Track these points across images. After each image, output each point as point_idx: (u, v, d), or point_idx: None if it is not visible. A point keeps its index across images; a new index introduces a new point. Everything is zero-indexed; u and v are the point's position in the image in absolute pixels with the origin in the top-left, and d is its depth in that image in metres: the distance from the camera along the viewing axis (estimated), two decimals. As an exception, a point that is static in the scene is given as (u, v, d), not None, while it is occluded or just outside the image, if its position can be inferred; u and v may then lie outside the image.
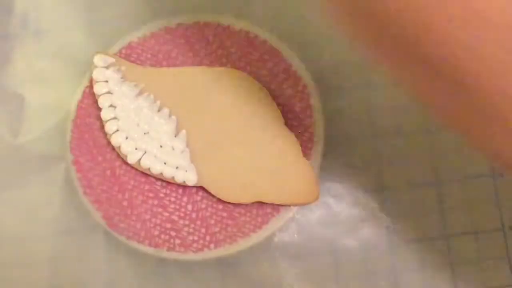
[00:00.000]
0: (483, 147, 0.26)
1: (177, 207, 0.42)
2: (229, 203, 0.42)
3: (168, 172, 0.42)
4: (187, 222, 0.42)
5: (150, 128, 0.42)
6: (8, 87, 0.45)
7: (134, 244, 0.41)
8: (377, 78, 0.44)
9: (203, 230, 0.41)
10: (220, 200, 0.42)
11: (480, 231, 0.42)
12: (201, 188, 0.42)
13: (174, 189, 0.43)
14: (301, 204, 0.42)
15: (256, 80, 0.43)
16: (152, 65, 0.44)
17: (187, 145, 0.42)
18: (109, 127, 0.43)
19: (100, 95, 0.43)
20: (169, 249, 0.41)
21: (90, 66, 0.44)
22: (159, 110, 0.43)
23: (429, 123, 0.43)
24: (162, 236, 0.41)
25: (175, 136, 0.42)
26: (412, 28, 0.22)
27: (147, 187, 0.43)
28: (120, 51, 0.45)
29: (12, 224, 0.43)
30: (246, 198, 0.41)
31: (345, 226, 0.42)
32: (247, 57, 0.44)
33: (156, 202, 0.42)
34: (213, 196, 0.42)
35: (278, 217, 0.42)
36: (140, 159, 0.42)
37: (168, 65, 0.44)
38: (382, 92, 0.44)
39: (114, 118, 0.43)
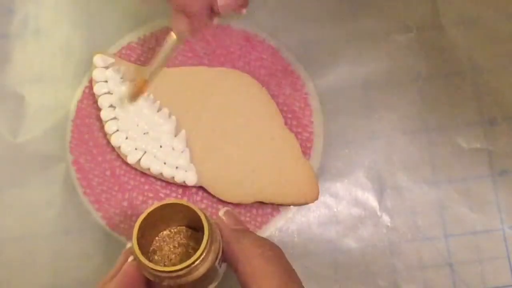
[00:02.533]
0: None
1: (177, 207, 0.42)
2: (229, 203, 0.42)
3: (168, 172, 0.42)
4: (187, 222, 0.42)
5: (150, 128, 0.42)
6: (8, 87, 0.45)
7: (134, 244, 0.41)
8: (376, 78, 0.44)
9: (203, 230, 0.41)
10: (220, 200, 0.42)
11: (480, 231, 0.42)
12: (201, 188, 0.42)
13: (174, 189, 0.43)
14: (301, 204, 0.42)
15: (255, 80, 0.43)
16: (152, 65, 0.44)
17: (187, 145, 0.42)
18: (109, 127, 0.43)
19: (100, 95, 0.43)
20: (169, 249, 0.41)
21: (90, 66, 0.44)
22: (158, 110, 0.43)
23: (428, 123, 0.43)
24: (162, 236, 0.41)
25: (175, 136, 0.42)
26: None
27: (147, 187, 0.43)
28: (120, 51, 0.45)
29: (12, 224, 0.43)
30: (246, 198, 0.41)
31: (345, 226, 0.42)
32: (246, 57, 0.44)
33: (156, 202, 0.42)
34: (213, 196, 0.42)
35: (278, 217, 0.42)
36: (140, 159, 0.42)
37: (168, 65, 0.44)
38: (381, 91, 0.44)
39: (114, 118, 0.43)
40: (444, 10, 0.45)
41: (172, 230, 0.37)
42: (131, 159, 0.42)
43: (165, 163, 0.42)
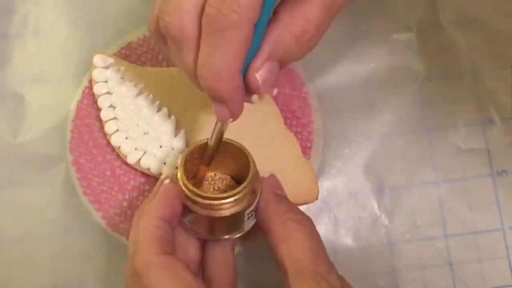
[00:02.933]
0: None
1: (177, 207, 0.42)
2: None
3: (168, 172, 0.42)
4: (187, 222, 0.42)
5: (149, 128, 0.42)
6: (8, 87, 0.45)
7: (134, 244, 0.41)
8: (376, 77, 0.44)
9: (203, 230, 0.41)
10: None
11: (480, 231, 0.42)
12: (201, 188, 0.42)
13: (174, 189, 0.43)
14: (301, 204, 0.41)
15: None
16: (153, 66, 0.44)
17: (187, 145, 0.42)
18: (109, 128, 0.43)
19: (100, 95, 0.43)
20: (169, 249, 0.41)
21: (90, 66, 0.44)
22: (158, 110, 0.43)
23: (428, 123, 0.43)
24: (162, 236, 0.41)
25: (175, 136, 0.42)
26: None
27: (147, 187, 0.43)
28: (119, 51, 0.45)
29: (12, 224, 0.43)
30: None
31: (345, 226, 0.42)
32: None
33: (156, 202, 0.42)
34: (213, 196, 0.42)
35: (278, 217, 0.42)
36: (140, 159, 0.42)
37: (168, 65, 0.44)
38: (381, 90, 0.44)
39: (114, 118, 0.43)
40: (444, 10, 0.45)
41: (217, 174, 0.39)
42: (131, 159, 0.42)
43: (165, 163, 0.42)
